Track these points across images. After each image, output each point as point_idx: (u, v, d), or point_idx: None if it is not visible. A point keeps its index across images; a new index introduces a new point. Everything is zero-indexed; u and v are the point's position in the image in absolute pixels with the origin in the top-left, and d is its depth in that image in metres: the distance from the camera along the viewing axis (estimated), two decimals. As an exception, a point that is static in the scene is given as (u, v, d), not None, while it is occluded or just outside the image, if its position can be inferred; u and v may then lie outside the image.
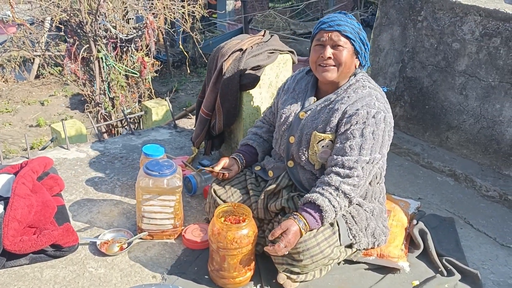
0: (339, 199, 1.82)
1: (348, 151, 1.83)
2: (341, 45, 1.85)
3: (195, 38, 6.75)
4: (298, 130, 1.98)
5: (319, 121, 1.93)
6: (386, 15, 3.14)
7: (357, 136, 1.83)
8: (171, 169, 2.11)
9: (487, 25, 2.66)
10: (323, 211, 1.80)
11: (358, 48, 1.88)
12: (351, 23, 1.87)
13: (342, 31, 1.84)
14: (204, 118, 2.60)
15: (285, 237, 1.78)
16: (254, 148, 2.21)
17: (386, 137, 1.89)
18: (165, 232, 2.19)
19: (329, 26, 1.86)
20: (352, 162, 1.82)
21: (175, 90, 10.08)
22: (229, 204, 1.99)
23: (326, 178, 1.85)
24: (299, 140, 1.97)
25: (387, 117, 1.87)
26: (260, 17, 13.23)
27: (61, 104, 9.50)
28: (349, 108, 1.86)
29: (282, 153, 2.08)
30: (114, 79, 5.95)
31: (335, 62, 1.88)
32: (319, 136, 1.91)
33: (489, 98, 2.73)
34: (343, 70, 1.90)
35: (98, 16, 5.56)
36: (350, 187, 1.82)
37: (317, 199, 1.81)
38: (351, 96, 1.89)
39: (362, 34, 1.90)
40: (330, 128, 1.90)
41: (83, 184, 2.57)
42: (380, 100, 1.89)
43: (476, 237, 2.41)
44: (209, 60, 2.63)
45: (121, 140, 3.06)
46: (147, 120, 5.91)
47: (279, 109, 2.12)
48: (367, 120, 1.83)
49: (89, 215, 2.33)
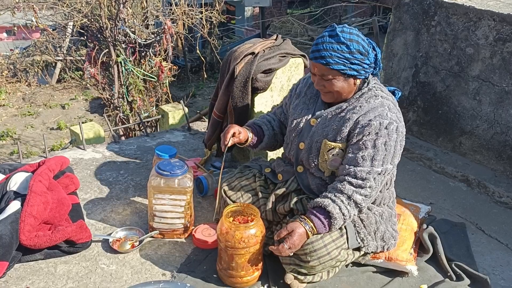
0: (349, 208, 1.82)
1: (361, 161, 1.82)
2: (329, 78, 1.80)
3: (213, 43, 6.82)
4: (309, 137, 1.97)
5: (329, 129, 1.91)
6: (400, 20, 3.15)
7: (369, 147, 1.81)
8: (182, 169, 2.15)
9: (501, 30, 2.65)
10: (332, 218, 1.81)
11: (350, 73, 1.79)
12: (338, 49, 1.74)
13: (324, 64, 1.76)
14: (216, 120, 2.64)
15: (289, 239, 1.80)
16: (263, 133, 2.17)
17: (398, 147, 1.87)
18: (175, 231, 2.23)
19: (314, 57, 1.79)
20: (365, 173, 1.81)
21: (192, 94, 10.19)
22: (238, 204, 2.02)
23: (339, 185, 1.84)
24: (309, 147, 1.97)
25: (399, 127, 1.84)
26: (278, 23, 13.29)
27: (81, 108, 9.68)
28: (361, 118, 1.83)
29: (292, 158, 2.09)
30: (133, 83, 6.05)
31: (327, 90, 1.87)
32: (330, 145, 1.90)
33: (503, 103, 2.71)
34: (340, 95, 1.87)
35: (117, 21, 5.68)
36: (362, 197, 1.82)
37: (328, 205, 1.81)
38: (363, 105, 1.85)
39: (356, 56, 1.76)
40: (341, 138, 1.89)
41: (98, 183, 2.63)
42: (393, 110, 1.86)
43: (488, 243, 2.38)
44: (222, 63, 2.67)
45: (136, 141, 3.12)
46: (163, 123, 5.99)
47: (290, 114, 2.13)
48: (380, 131, 1.80)
49: (102, 213, 2.38)
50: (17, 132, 8.17)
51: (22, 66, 9.69)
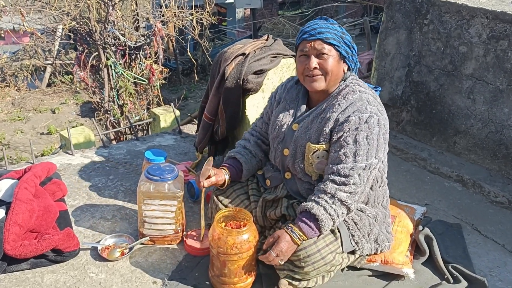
0: (335, 207, 1.78)
1: (343, 158, 1.79)
2: (325, 53, 1.80)
3: (204, 45, 6.77)
4: (292, 142, 1.94)
5: (312, 131, 1.88)
6: (392, 19, 3.12)
7: (350, 143, 1.78)
8: (172, 173, 2.10)
9: (494, 28, 2.62)
10: (319, 220, 1.77)
11: (343, 52, 1.82)
12: (333, 28, 1.81)
13: (324, 38, 1.79)
14: (207, 123, 2.59)
15: (276, 246, 1.77)
16: (241, 164, 2.10)
17: (382, 140, 1.83)
18: (166, 237, 2.18)
19: (310, 35, 1.81)
20: (348, 170, 1.78)
21: (184, 97, 10.12)
22: (230, 209, 1.97)
23: (322, 185, 1.81)
24: (294, 153, 1.93)
25: (380, 120, 1.81)
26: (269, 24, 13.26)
27: (71, 112, 9.59)
28: (340, 115, 1.81)
29: (278, 165, 2.05)
30: (123, 87, 5.98)
31: (322, 71, 1.83)
32: (313, 147, 1.87)
33: (497, 102, 2.68)
34: (331, 78, 1.85)
35: (107, 24, 5.62)
36: (346, 194, 1.78)
37: (312, 208, 1.77)
38: (341, 103, 1.83)
39: (347, 38, 1.83)
40: (323, 138, 1.85)
41: (86, 189, 2.57)
42: (372, 103, 1.83)
43: (484, 243, 2.35)
44: (212, 64, 2.62)
45: (125, 145, 3.06)
46: (155, 127, 5.93)
47: (271, 121, 2.08)
48: (360, 126, 1.77)
49: (91, 220, 2.32)
50: (6, 137, 8.06)
51: (11, 70, 9.58)
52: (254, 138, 2.20)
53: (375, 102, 1.85)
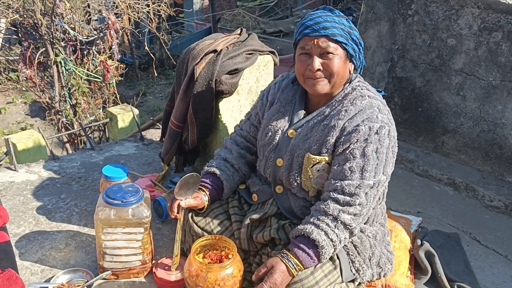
0: (337, 231, 1.53)
1: (348, 174, 1.54)
2: (331, 52, 1.54)
3: (162, 39, 6.36)
4: (288, 151, 1.66)
5: (312, 140, 1.62)
6: (373, 10, 2.87)
7: (358, 157, 1.54)
8: (137, 195, 1.77)
9: (486, 18, 2.41)
10: (319, 246, 1.51)
11: (351, 51, 1.58)
12: (339, 22, 1.56)
13: (330, 35, 1.53)
14: (174, 131, 2.25)
15: (269, 278, 1.50)
16: (222, 182, 1.82)
17: (390, 154, 1.60)
18: (132, 269, 1.86)
19: (313, 30, 1.54)
20: (354, 188, 1.53)
21: (143, 93, 9.64)
22: (208, 237, 1.69)
23: (323, 205, 1.56)
24: (289, 164, 1.66)
25: (391, 131, 1.59)
26: (228, 16, 12.89)
27: (20, 112, 8.95)
28: (347, 124, 1.57)
29: (269, 177, 1.76)
30: (75, 85, 5.54)
31: (326, 73, 1.57)
32: (314, 159, 1.60)
33: (489, 98, 2.49)
34: (337, 81, 1.59)
35: (54, 17, 5.14)
36: (350, 216, 1.53)
37: (312, 233, 1.51)
38: (348, 109, 1.59)
39: (354, 33, 1.59)
40: (326, 149, 1.59)
41: (33, 212, 2.19)
42: (383, 111, 1.60)
43: (486, 255, 2.16)
44: (178, 63, 2.29)
45: (79, 157, 2.67)
46: (112, 127, 5.52)
47: (263, 126, 1.78)
48: (369, 137, 1.54)
49: (40, 251, 1.96)
50: None
51: (-51, 68, 8.79)
52: (237, 148, 1.90)
53: (385, 110, 1.60)
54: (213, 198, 1.83)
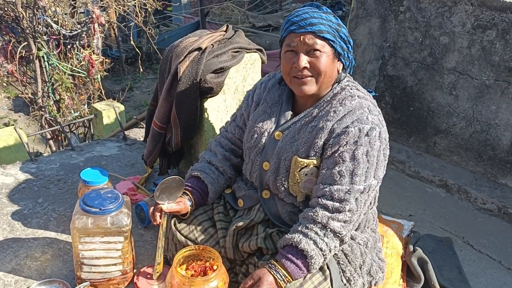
0: (327, 240, 1.45)
1: (337, 178, 1.46)
2: (318, 49, 1.46)
3: (149, 33, 6.23)
4: (274, 154, 1.58)
5: (300, 143, 1.54)
6: (363, 6, 2.78)
7: (347, 160, 1.46)
8: (116, 202, 1.67)
9: (480, 16, 2.34)
10: (308, 257, 1.43)
11: (339, 49, 1.49)
12: (327, 18, 1.48)
13: (317, 31, 1.46)
14: (157, 132, 2.15)
15: None
16: (206, 186, 1.74)
17: (382, 157, 1.52)
18: (112, 280, 1.76)
19: (299, 26, 1.46)
20: (343, 193, 1.45)
21: (130, 88, 9.49)
22: (192, 248, 1.59)
23: (311, 213, 1.47)
24: (276, 167, 1.57)
25: (382, 133, 1.50)
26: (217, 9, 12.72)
27: (3, 107, 8.75)
28: (336, 125, 1.49)
29: (255, 181, 1.67)
30: (59, 80, 5.39)
31: (313, 71, 1.49)
32: (301, 163, 1.52)
33: (483, 98, 2.43)
34: (324, 80, 1.50)
35: (36, 10, 4.99)
36: (340, 223, 1.45)
37: (300, 242, 1.43)
38: (337, 109, 1.50)
39: (343, 31, 1.51)
40: (314, 152, 1.51)
41: (8, 218, 2.07)
42: (373, 112, 1.52)
43: (479, 260, 2.11)
44: (161, 61, 2.18)
45: (58, 158, 2.56)
46: (97, 124, 5.40)
47: (248, 127, 1.70)
48: (359, 139, 1.46)
49: (14, 260, 1.85)
50: None
51: None
52: (222, 150, 1.81)
53: (376, 111, 1.51)
54: (198, 202, 1.74)
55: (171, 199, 1.64)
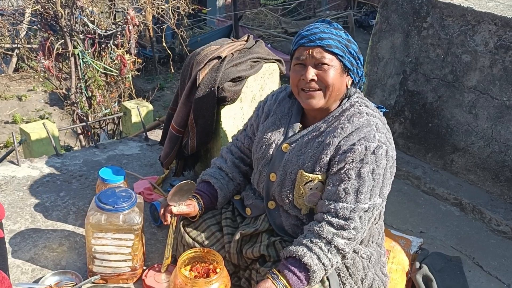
0: (330, 256, 1.48)
1: (343, 196, 1.49)
2: (326, 63, 1.50)
3: (181, 35, 6.36)
4: (281, 166, 1.62)
5: (306, 157, 1.57)
6: (387, 20, 2.79)
7: (353, 178, 1.49)
8: (129, 201, 1.75)
9: (503, 36, 2.32)
10: (310, 270, 1.46)
11: (348, 64, 1.53)
12: (336, 34, 1.52)
13: (325, 46, 1.49)
14: (174, 136, 2.23)
15: None
16: (216, 190, 1.79)
17: (388, 175, 1.54)
18: (121, 275, 1.85)
19: (309, 40, 1.50)
20: (348, 211, 1.48)
21: (160, 88, 9.68)
22: (197, 250, 1.66)
23: (316, 227, 1.51)
24: (282, 180, 1.61)
25: (389, 151, 1.52)
26: (251, 14, 12.83)
27: (40, 100, 9.07)
28: (343, 142, 1.51)
29: (262, 191, 1.72)
30: (92, 78, 5.57)
31: (320, 85, 1.52)
32: (307, 177, 1.56)
33: (502, 119, 2.40)
34: (332, 94, 1.53)
35: (74, 9, 5.18)
36: (344, 241, 1.49)
37: (304, 256, 1.46)
38: (345, 126, 1.53)
39: (352, 47, 1.54)
40: (320, 167, 1.54)
41: (30, 209, 2.19)
42: (381, 130, 1.54)
43: (487, 282, 2.09)
44: (183, 67, 2.26)
45: (82, 154, 2.67)
46: (126, 121, 5.54)
47: (257, 138, 1.75)
48: (366, 157, 1.48)
49: (32, 250, 1.96)
50: (-33, 126, 7.53)
51: (-27, 54, 8.96)
52: (232, 158, 1.87)
53: (384, 129, 1.54)
54: (207, 206, 1.80)
55: (182, 200, 1.71)
